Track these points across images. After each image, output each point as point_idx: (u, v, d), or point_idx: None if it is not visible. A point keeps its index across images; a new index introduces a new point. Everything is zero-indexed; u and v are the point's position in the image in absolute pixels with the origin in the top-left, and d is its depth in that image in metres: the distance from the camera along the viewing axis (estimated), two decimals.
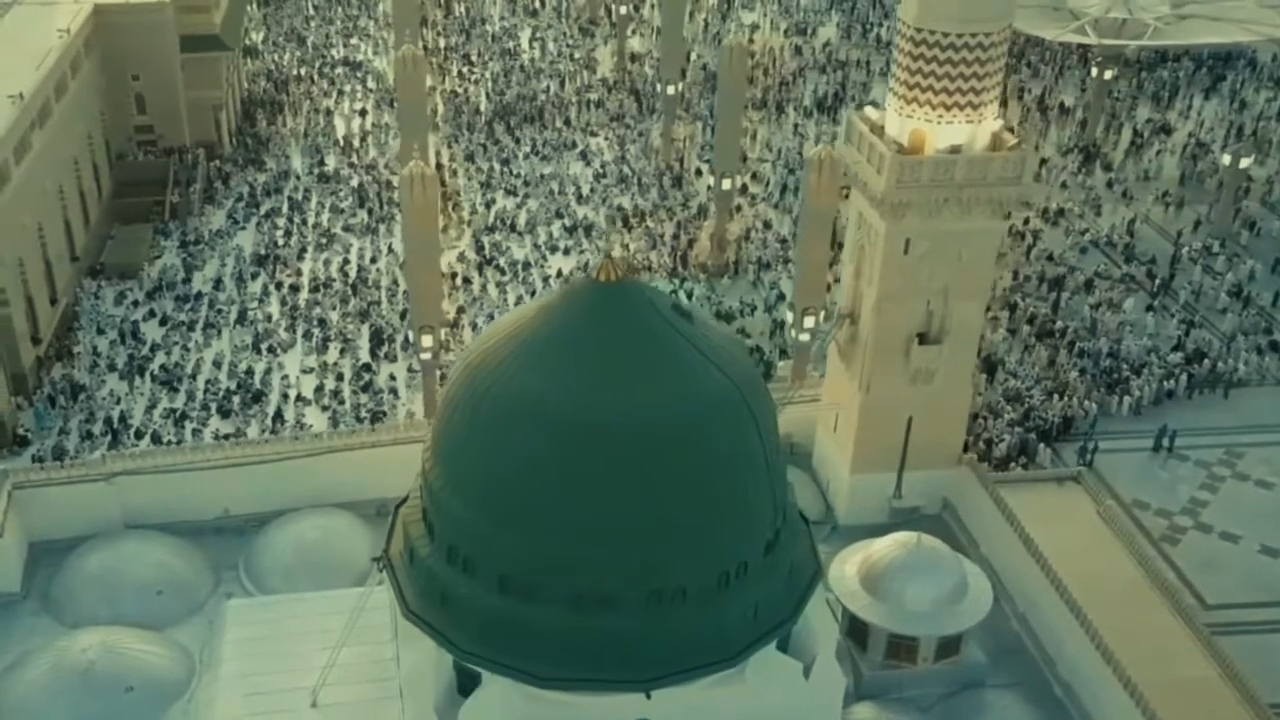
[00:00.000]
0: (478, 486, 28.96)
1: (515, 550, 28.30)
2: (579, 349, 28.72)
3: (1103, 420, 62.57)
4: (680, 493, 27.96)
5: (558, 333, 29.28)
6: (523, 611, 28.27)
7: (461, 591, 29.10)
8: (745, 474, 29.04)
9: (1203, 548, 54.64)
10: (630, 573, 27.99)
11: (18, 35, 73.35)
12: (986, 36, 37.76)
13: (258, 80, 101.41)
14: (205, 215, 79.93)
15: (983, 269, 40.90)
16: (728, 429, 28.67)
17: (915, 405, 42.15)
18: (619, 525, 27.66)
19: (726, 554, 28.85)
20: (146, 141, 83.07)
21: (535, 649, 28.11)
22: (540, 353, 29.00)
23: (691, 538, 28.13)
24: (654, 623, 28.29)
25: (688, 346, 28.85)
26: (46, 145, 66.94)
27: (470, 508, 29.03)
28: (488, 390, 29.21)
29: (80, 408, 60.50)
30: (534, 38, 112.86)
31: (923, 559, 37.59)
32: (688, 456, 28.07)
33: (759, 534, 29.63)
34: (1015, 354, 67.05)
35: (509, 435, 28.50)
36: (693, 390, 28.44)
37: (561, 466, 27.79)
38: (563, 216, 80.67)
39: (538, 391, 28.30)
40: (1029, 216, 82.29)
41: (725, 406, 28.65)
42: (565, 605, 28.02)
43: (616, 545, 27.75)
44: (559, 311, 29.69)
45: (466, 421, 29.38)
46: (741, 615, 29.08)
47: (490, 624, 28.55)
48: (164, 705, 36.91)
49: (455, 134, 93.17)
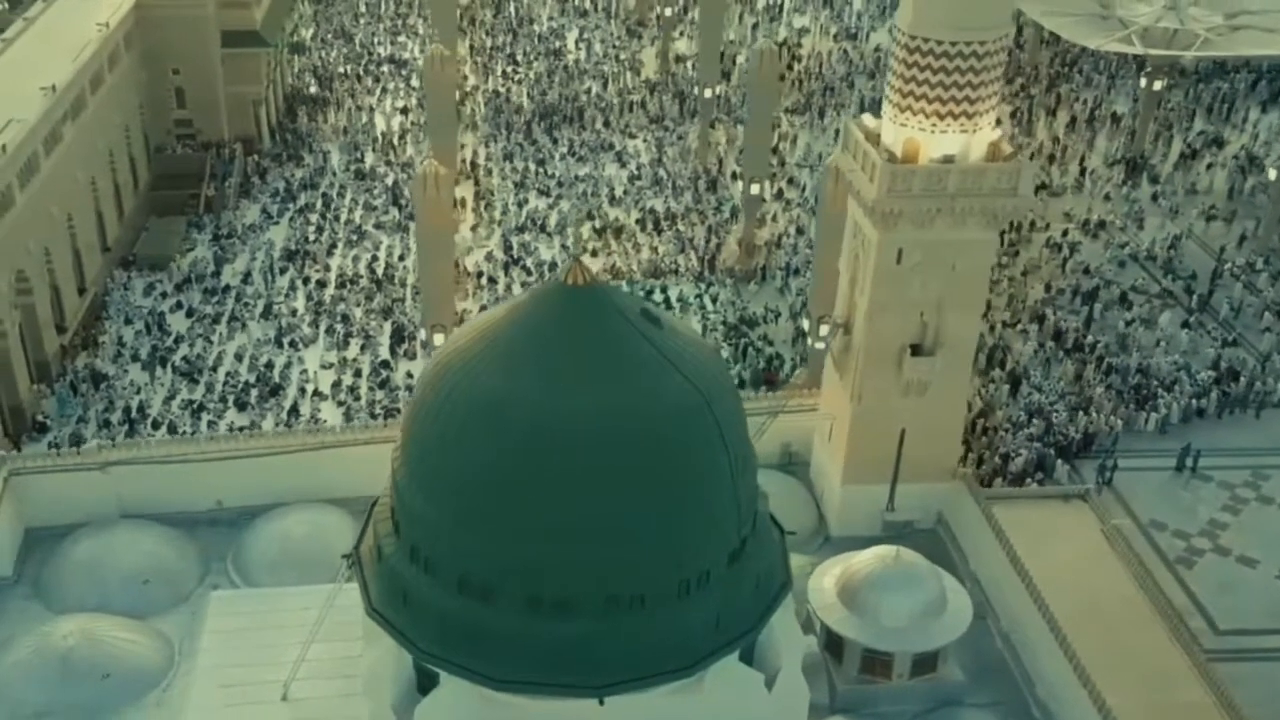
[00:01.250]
0: (439, 485, 28.96)
1: (473, 551, 28.28)
2: (543, 351, 28.61)
3: (1128, 438, 61.40)
4: (640, 498, 27.68)
5: (523, 335, 29.23)
6: (480, 613, 28.20)
7: (422, 591, 29.11)
8: (708, 482, 28.67)
9: (1219, 571, 53.43)
10: (588, 577, 27.78)
11: (59, 28, 74.47)
12: (981, 45, 37.08)
13: (303, 76, 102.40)
14: (240, 209, 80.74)
15: (977, 281, 40.22)
16: (690, 435, 28.34)
17: (908, 417, 41.53)
18: (577, 529, 27.47)
19: (687, 562, 28.51)
20: (185, 135, 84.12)
21: (491, 651, 27.97)
22: (505, 354, 28.97)
23: (651, 544, 27.82)
24: (611, 629, 28.05)
25: (653, 352, 28.59)
26: (79, 137, 67.87)
27: (431, 507, 29.07)
28: (453, 390, 29.26)
29: (100, 396, 61.36)
30: (581, 38, 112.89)
31: (900, 573, 37.00)
32: (648, 462, 27.82)
33: (723, 543, 29.23)
34: (1043, 367, 66.04)
35: (470, 435, 28.48)
36: (655, 395, 28.17)
37: (520, 468, 27.69)
38: (594, 218, 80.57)
39: (500, 392, 28.29)
40: (1068, 229, 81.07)
41: (688, 413, 28.35)
42: (522, 608, 27.89)
43: (574, 549, 27.55)
44: (526, 313, 29.66)
45: (431, 420, 29.46)
46: (702, 624, 28.69)
47: (448, 624, 28.47)
48: (140, 693, 37.24)
49: (494, 133, 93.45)
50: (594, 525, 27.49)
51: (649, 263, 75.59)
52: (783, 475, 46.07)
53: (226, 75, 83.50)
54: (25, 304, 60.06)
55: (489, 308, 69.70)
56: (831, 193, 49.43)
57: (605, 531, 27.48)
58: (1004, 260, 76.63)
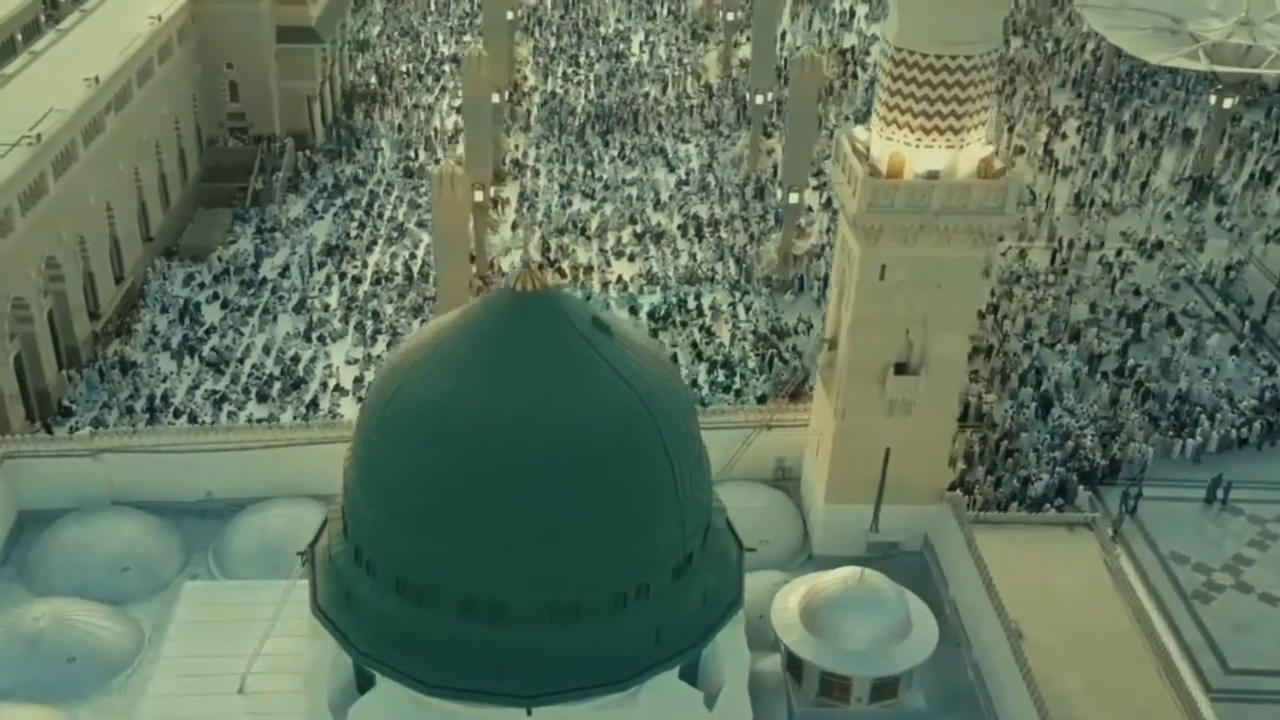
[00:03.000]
0: (379, 486, 29.28)
1: (410, 553, 28.52)
2: (488, 357, 28.73)
3: (1160, 466, 59.72)
4: (577, 508, 27.58)
5: (470, 339, 29.40)
6: (415, 616, 28.36)
7: (364, 592, 29.42)
8: (649, 494, 28.42)
9: (1238, 608, 51.78)
10: (521, 585, 27.77)
11: (114, 20, 75.89)
12: (968, 59, 35.94)
13: (365, 73, 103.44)
14: (287, 204, 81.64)
15: (965, 300, 39.03)
16: (631, 447, 28.14)
17: (893, 437, 40.48)
18: (512, 536, 27.49)
19: (626, 574, 28.33)
20: (237, 129, 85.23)
21: (425, 655, 28.01)
22: (451, 358, 29.17)
23: (587, 554, 27.69)
24: (544, 638, 28.02)
25: (599, 361, 28.47)
26: (122, 127, 68.95)
27: (373, 507, 29.40)
28: (397, 392, 29.50)
29: (126, 384, 62.41)
30: (645, 41, 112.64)
31: (863, 595, 36.02)
32: (587, 471, 27.69)
33: (665, 556, 28.97)
34: (1077, 389, 64.40)
35: (410, 437, 28.74)
36: (597, 405, 28.06)
37: (457, 472, 27.81)
38: (635, 222, 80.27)
39: (442, 396, 28.48)
40: (1121, 248, 79.03)
41: (631, 423, 28.14)
42: (455, 613, 27.98)
43: (508, 556, 27.60)
44: (475, 319, 29.87)
45: (376, 421, 29.76)
46: (640, 638, 28.42)
47: (385, 626, 28.56)
48: (104, 679, 37.38)
49: (547, 135, 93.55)
50: (529, 533, 27.50)
51: (686, 269, 75.03)
52: (773, 491, 45.22)
53: (280, 70, 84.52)
54: (56, 290, 61.25)
55: None
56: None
57: (540, 540, 27.48)
58: (1050, 279, 75.09)
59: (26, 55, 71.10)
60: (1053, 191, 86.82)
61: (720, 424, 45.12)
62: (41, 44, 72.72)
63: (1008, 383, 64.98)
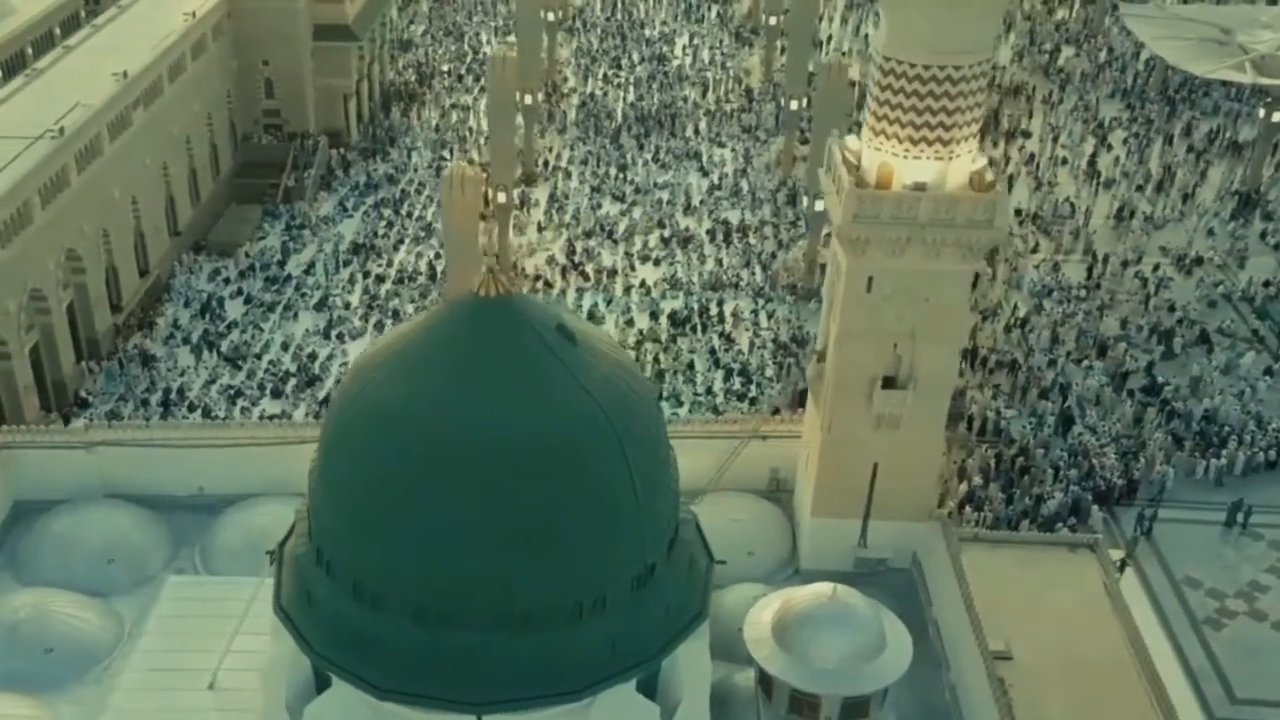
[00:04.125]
0: (337, 488, 29.34)
1: (365, 557, 28.50)
2: (447, 361, 28.63)
3: (1182, 487, 58.39)
4: (532, 516, 27.34)
5: (431, 344, 29.35)
6: (369, 620, 28.27)
7: (323, 593, 29.45)
8: (607, 504, 28.08)
9: (1251, 636, 50.51)
10: (473, 592, 27.59)
11: (150, 16, 76.61)
12: (956, 70, 35.08)
13: (406, 72, 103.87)
14: (318, 201, 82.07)
15: (953, 314, 38.15)
16: (588, 456, 27.84)
17: (881, 452, 39.71)
18: (465, 542, 27.34)
19: (581, 584, 28.01)
20: (272, 125, 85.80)
21: (378, 659, 27.93)
22: (411, 362, 29.13)
23: (541, 563, 27.39)
24: (496, 646, 27.79)
25: (560, 368, 28.21)
26: (151, 122, 69.56)
27: (332, 509, 29.48)
28: (358, 395, 29.55)
29: (144, 377, 62.96)
30: (689, 44, 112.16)
31: (835, 612, 35.33)
32: (543, 480, 27.44)
33: (623, 567, 28.62)
34: (1097, 406, 63.15)
35: (367, 441, 28.75)
36: (556, 413, 27.79)
37: (410, 476, 27.74)
38: (664, 226, 79.87)
39: (399, 399, 28.41)
40: (1159, 263, 77.46)
41: (589, 432, 27.86)
42: (408, 618, 27.78)
43: (461, 562, 27.44)
44: (438, 324, 29.87)
45: (336, 424, 29.90)
46: (595, 649, 28.10)
47: (341, 629, 28.49)
48: (80, 670, 37.46)
49: (582, 136, 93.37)
50: (483, 540, 27.35)
51: (711, 275, 74.49)
52: (765, 502, 44.55)
53: (317, 68, 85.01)
54: (77, 283, 61.98)
55: None
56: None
57: (492, 547, 27.30)
58: (1082, 293, 73.77)
59: (60, 50, 72.09)
60: (1093, 204, 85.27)
61: (713, 433, 44.82)
62: (75, 39, 73.64)
63: (1028, 397, 63.85)
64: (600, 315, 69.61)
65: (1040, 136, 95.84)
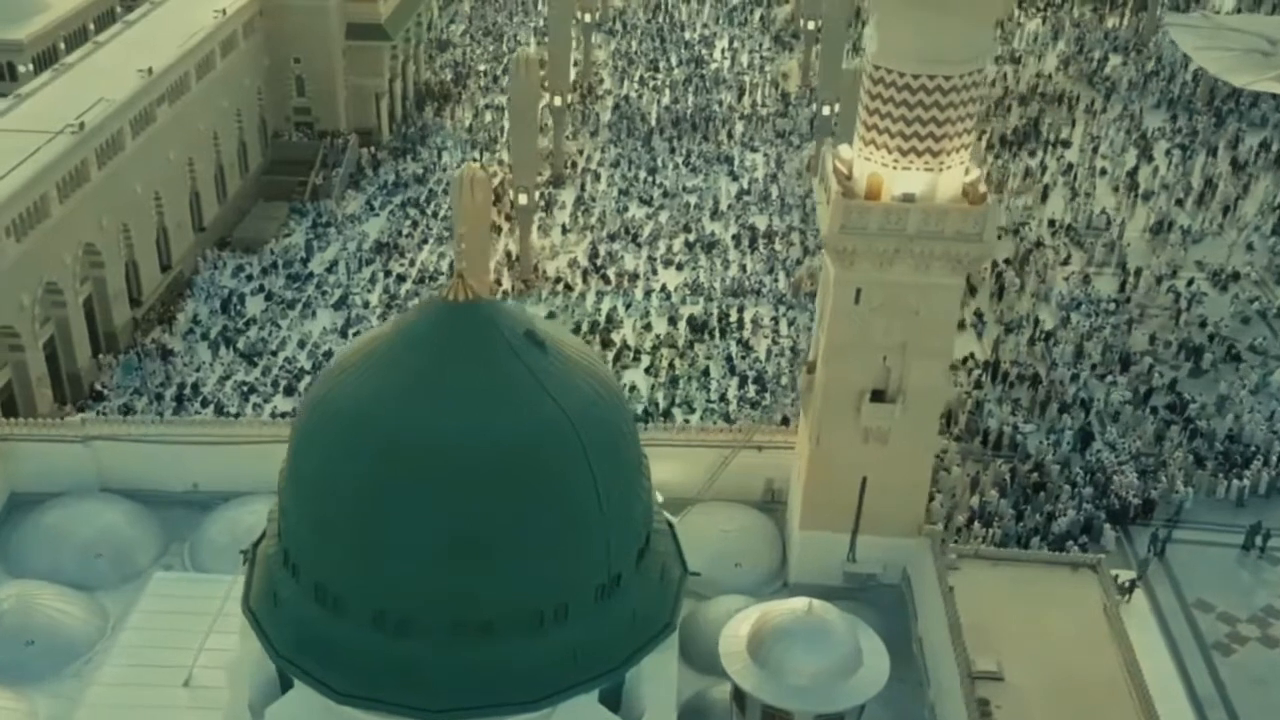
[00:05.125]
0: (302, 490, 29.38)
1: (327, 559, 28.50)
2: (413, 365, 28.49)
3: (1201, 508, 57.13)
4: (490, 523, 27.13)
5: (397, 348, 29.22)
6: (331, 623, 28.18)
7: (288, 595, 29.42)
8: (570, 513, 27.77)
9: (1261, 662, 49.27)
10: (432, 599, 27.43)
11: (182, 12, 77.11)
12: (946, 80, 34.37)
13: (443, 71, 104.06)
14: (346, 199, 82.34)
15: (943, 327, 37.52)
16: (551, 464, 27.56)
17: (869, 466, 39.08)
18: (424, 548, 27.17)
19: (542, 593, 27.68)
20: (303, 123, 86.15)
21: (337, 663, 27.81)
22: (378, 365, 29.03)
23: (500, 571, 27.14)
24: (455, 654, 27.62)
25: (526, 374, 27.95)
26: (176, 118, 69.97)
27: (296, 511, 29.57)
28: (325, 396, 29.57)
29: (159, 371, 63.36)
30: (729, 47, 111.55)
31: (810, 628, 34.60)
32: (503, 487, 27.20)
33: (586, 577, 28.29)
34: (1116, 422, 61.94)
35: (331, 442, 28.74)
36: (519, 420, 27.51)
37: (372, 479, 27.63)
38: (689, 231, 79.38)
39: (363, 403, 28.33)
40: (1194, 277, 75.93)
41: (552, 441, 27.55)
42: (367, 622, 27.61)
43: (419, 568, 27.29)
44: (407, 328, 29.73)
45: (303, 425, 29.90)
46: (556, 658, 27.80)
47: (303, 631, 28.43)
48: (60, 664, 37.60)
49: (614, 139, 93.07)
50: (441, 546, 27.18)
51: (733, 280, 73.89)
52: (758, 513, 43.99)
53: (349, 67, 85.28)
54: (96, 276, 62.52)
55: (556, 314, 69.79)
56: None
57: (452, 554, 27.13)
58: (1109, 307, 72.47)
59: (89, 45, 72.80)
60: (1130, 216, 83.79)
61: (706, 442, 44.39)
62: (105, 35, 74.36)
63: (1049, 412, 62.76)
64: (619, 319, 69.24)
65: (1080, 146, 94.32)
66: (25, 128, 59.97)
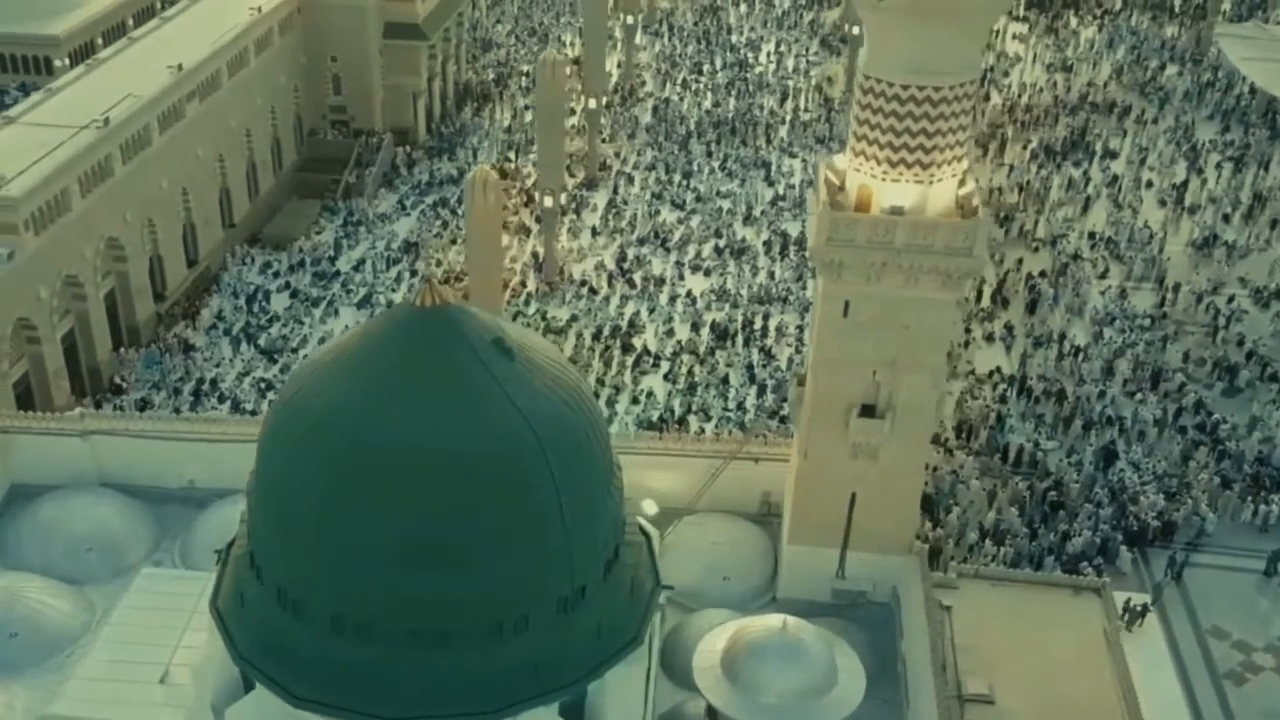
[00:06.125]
0: (266, 493, 29.56)
1: (288, 563, 28.69)
2: (376, 371, 28.50)
3: (1224, 532, 55.69)
4: (448, 531, 27.12)
5: (364, 352, 29.24)
6: (290, 627, 28.26)
7: (252, 596, 29.68)
8: (530, 523, 27.63)
9: (1274, 693, 48.03)
10: (387, 605, 27.42)
11: (219, 9, 77.58)
12: (936, 91, 33.56)
13: (485, 72, 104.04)
14: (378, 199, 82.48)
15: (933, 343, 36.60)
16: (512, 474, 27.41)
17: (859, 481, 38.29)
18: (379, 554, 27.20)
19: (501, 603, 27.54)
20: (339, 122, 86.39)
21: (296, 667, 27.90)
22: (344, 369, 29.10)
23: (458, 580, 27.00)
24: (412, 661, 27.52)
25: (490, 382, 27.82)
26: (206, 115, 70.37)
27: (260, 513, 29.78)
28: (289, 399, 29.68)
29: (180, 366, 63.76)
30: (775, 51, 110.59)
31: (783, 646, 34.08)
32: (463, 496, 27.13)
33: (548, 589, 28.05)
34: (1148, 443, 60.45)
35: (293, 446, 28.90)
36: (479, 427, 27.43)
37: (330, 484, 27.69)
38: (720, 236, 78.66)
39: (325, 407, 28.38)
40: (1234, 294, 74.05)
41: (513, 449, 27.40)
42: (326, 628, 27.64)
43: (374, 574, 27.30)
44: (375, 333, 29.72)
45: (269, 427, 29.91)
46: (515, 669, 27.71)
47: (265, 633, 28.59)
48: (43, 656, 37.73)
49: (651, 143, 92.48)
50: (398, 553, 27.18)
51: (761, 288, 73.08)
52: (752, 526, 43.29)
53: (386, 66, 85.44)
54: (119, 270, 63.01)
55: (579, 317, 69.42)
56: None
57: (409, 561, 27.12)
58: (1145, 323, 70.86)
59: (124, 41, 73.43)
60: (1174, 230, 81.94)
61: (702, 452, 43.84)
62: (140, 31, 74.98)
63: (1073, 429, 61.45)
64: (641, 324, 68.74)
65: (1128, 158, 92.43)
66: (51, 122, 60.55)
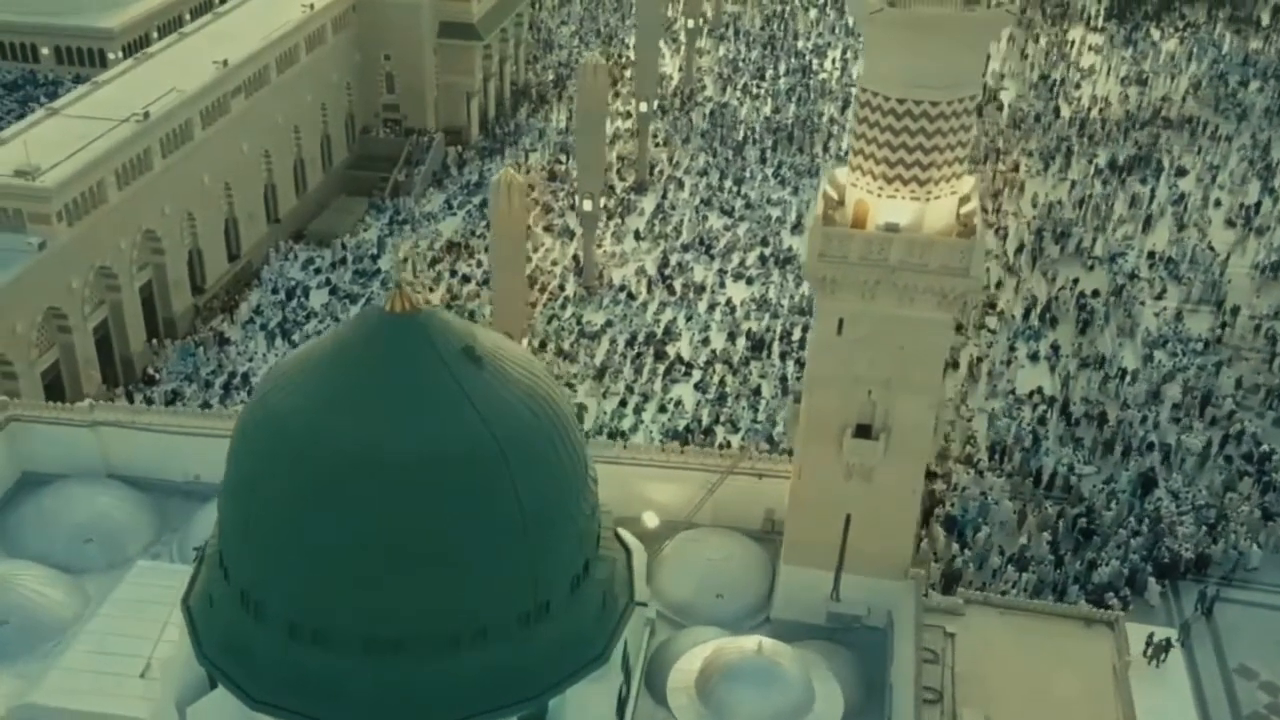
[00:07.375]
0: (232, 494, 29.47)
1: (249, 565, 28.64)
2: (341, 375, 28.36)
3: (1266, 567, 53.69)
4: (405, 540, 26.81)
5: (333, 356, 29.15)
6: (252, 629, 28.11)
7: (220, 596, 29.77)
8: (489, 534, 27.25)
9: None
10: (342, 612, 27.18)
11: (273, 5, 78.14)
12: (933, 105, 32.47)
13: (545, 73, 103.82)
14: (426, 198, 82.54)
15: (929, 363, 35.48)
16: (471, 482, 27.07)
17: (853, 503, 37.18)
18: (334, 560, 27.02)
19: (457, 615, 27.22)
20: (392, 120, 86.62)
21: (255, 669, 27.89)
22: (312, 373, 29.06)
23: (414, 590, 26.71)
24: (366, 669, 27.19)
25: (456, 391, 27.50)
26: (252, 110, 70.79)
27: (228, 514, 29.78)
28: (258, 401, 29.80)
29: (213, 358, 64.22)
30: (840, 57, 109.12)
31: (758, 668, 33.25)
32: (416, 505, 26.81)
33: (508, 602, 27.68)
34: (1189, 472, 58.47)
35: (257, 448, 28.91)
36: (439, 436, 27.09)
37: (289, 488, 27.62)
38: (766, 244, 77.57)
39: (288, 410, 28.30)
40: None
41: (475, 459, 27.07)
42: (284, 631, 27.55)
43: (330, 581, 27.16)
44: (345, 335, 29.50)
45: (238, 428, 29.87)
46: (472, 681, 27.43)
47: (229, 634, 28.59)
48: (32, 644, 37.76)
49: (705, 148, 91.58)
50: (353, 560, 26.95)
51: (803, 298, 71.88)
52: (752, 543, 42.27)
53: (440, 65, 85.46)
54: (156, 263, 63.57)
55: (614, 323, 68.82)
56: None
57: (363, 569, 26.85)
58: (1198, 347, 68.63)
59: (175, 35, 74.18)
60: (1241, 251, 79.38)
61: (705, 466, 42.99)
62: (193, 25, 75.71)
63: (1110, 455, 59.63)
64: (677, 331, 67.99)
65: (1198, 175, 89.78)
66: (94, 115, 61.24)
